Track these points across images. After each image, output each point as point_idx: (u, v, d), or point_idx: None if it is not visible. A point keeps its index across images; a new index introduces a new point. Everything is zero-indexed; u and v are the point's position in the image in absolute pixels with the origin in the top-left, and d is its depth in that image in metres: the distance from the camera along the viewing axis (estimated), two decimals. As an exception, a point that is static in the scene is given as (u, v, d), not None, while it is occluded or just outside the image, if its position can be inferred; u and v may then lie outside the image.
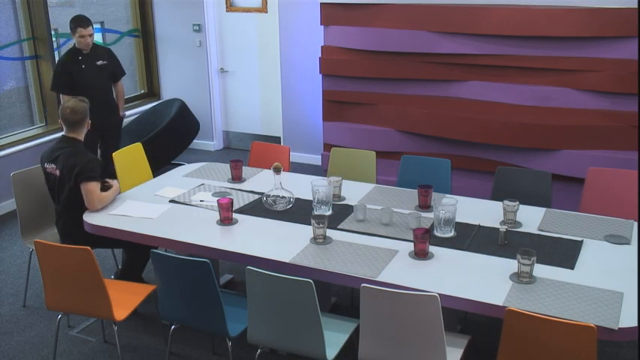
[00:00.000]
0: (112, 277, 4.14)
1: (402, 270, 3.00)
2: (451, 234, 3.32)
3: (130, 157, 4.48)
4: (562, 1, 4.80)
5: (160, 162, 6.09)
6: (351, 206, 3.69)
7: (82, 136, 3.80)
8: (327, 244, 3.27)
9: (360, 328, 2.78)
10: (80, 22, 5.20)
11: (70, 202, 3.75)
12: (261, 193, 3.91)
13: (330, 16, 5.62)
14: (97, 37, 6.83)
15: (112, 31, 6.98)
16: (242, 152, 7.09)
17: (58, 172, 3.73)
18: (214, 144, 7.38)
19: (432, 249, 3.17)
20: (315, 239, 3.30)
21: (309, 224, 3.42)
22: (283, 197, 3.71)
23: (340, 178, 3.88)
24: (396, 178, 4.29)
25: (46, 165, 3.79)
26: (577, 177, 4.90)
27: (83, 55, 5.29)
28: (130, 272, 4.00)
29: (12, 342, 3.84)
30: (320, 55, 5.78)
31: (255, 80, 7.01)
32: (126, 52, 7.19)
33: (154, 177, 4.41)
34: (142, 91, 7.39)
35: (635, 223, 3.44)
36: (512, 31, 4.92)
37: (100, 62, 5.38)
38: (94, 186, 3.67)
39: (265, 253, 3.20)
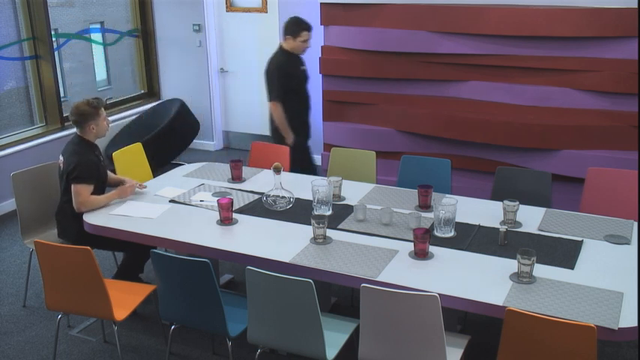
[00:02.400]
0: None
1: (402, 270, 3.00)
2: (451, 234, 3.32)
3: (130, 157, 4.48)
4: (562, 1, 4.79)
5: (160, 162, 6.08)
6: (351, 206, 3.69)
7: (88, 137, 3.79)
8: (327, 244, 3.27)
9: (360, 328, 2.78)
10: (308, 25, 4.86)
11: (65, 198, 3.79)
12: (261, 193, 3.91)
13: (330, 16, 5.62)
14: (97, 37, 6.85)
15: (112, 31, 6.97)
16: (242, 152, 7.09)
17: (61, 166, 3.79)
18: (214, 144, 7.38)
19: (432, 249, 3.17)
20: (315, 239, 3.30)
21: (309, 224, 3.41)
22: (283, 197, 3.71)
23: (340, 178, 3.88)
24: (396, 178, 4.29)
25: (60, 156, 3.85)
26: (577, 177, 4.90)
27: (295, 59, 4.93)
28: (127, 272, 3.99)
29: (12, 342, 3.84)
30: (320, 55, 5.78)
31: (255, 80, 6.99)
32: (126, 52, 7.19)
33: (154, 177, 4.41)
34: (142, 91, 7.38)
35: (635, 223, 3.44)
36: (512, 31, 4.92)
37: (303, 67, 5.02)
38: (81, 188, 3.68)
39: (265, 253, 3.20)
